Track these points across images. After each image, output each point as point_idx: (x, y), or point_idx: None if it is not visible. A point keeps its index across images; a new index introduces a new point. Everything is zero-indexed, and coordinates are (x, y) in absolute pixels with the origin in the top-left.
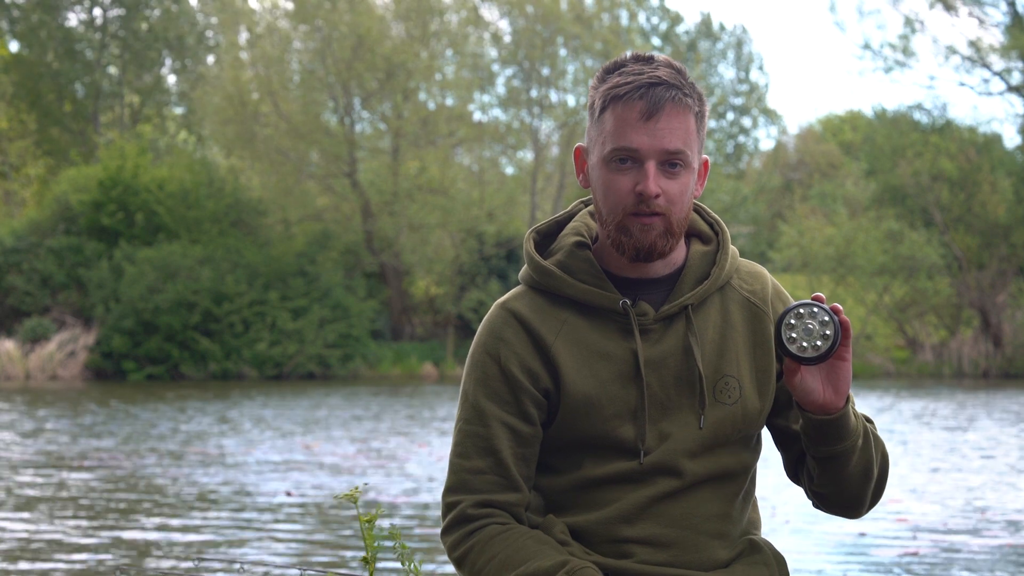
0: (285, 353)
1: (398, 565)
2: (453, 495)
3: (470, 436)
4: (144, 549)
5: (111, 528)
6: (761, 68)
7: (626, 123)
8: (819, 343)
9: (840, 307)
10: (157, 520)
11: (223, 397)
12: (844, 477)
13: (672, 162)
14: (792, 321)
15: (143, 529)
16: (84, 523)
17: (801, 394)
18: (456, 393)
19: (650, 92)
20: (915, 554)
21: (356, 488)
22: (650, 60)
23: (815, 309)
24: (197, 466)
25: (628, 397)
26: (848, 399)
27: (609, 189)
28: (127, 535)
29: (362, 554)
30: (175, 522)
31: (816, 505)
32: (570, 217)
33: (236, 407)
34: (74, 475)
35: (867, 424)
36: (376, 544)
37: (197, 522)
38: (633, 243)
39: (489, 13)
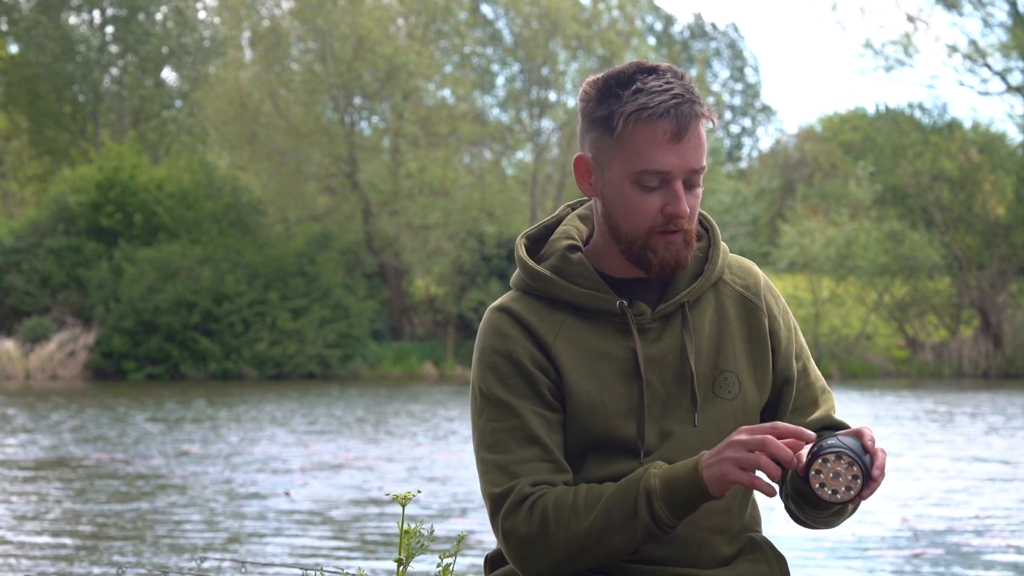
0: (285, 353)
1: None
2: (502, 485)
3: (506, 431)
4: (146, 548)
5: (112, 528)
6: (755, 68)
7: (655, 144)
8: (844, 490)
9: (875, 450)
10: (158, 519)
11: (223, 397)
12: (811, 509)
13: (695, 179)
14: (821, 463)
15: (144, 529)
16: (85, 523)
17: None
18: (456, 392)
19: (676, 112)
20: (916, 555)
21: (409, 492)
22: (658, 71)
23: (845, 455)
24: (197, 465)
25: (630, 396)
26: None
27: (635, 209)
28: (128, 534)
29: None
30: (176, 521)
31: (791, 517)
32: (558, 221)
33: (236, 407)
34: (75, 475)
35: None
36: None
37: (198, 521)
38: (659, 260)
39: (490, 11)
